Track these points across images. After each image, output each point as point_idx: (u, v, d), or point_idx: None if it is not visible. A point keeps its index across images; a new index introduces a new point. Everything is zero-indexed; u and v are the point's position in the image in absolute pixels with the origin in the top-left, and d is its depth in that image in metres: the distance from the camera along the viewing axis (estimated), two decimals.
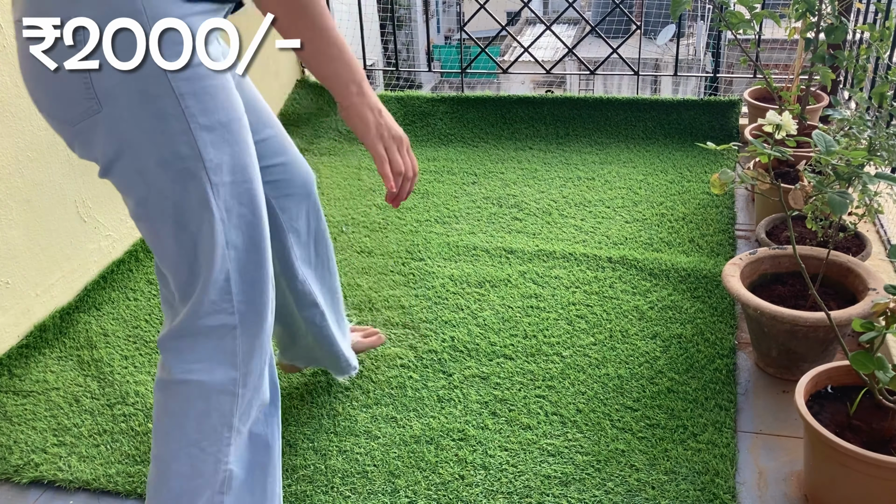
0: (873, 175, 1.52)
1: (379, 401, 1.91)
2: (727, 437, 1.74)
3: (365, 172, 3.20)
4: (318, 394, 1.95)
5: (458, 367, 2.01)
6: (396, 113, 3.61)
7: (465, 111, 3.78)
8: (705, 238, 2.55)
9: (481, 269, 2.44)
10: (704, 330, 2.09)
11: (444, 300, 2.30)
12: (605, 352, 2.04)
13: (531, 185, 3.02)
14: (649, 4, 11.52)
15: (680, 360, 1.99)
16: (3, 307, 2.15)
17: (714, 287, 2.26)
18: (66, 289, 2.36)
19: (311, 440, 1.80)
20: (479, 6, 3.83)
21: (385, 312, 2.25)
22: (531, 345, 2.08)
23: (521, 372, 1.98)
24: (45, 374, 2.07)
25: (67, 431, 1.86)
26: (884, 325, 1.43)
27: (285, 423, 1.85)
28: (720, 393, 1.86)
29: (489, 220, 2.76)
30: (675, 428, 1.77)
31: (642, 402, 1.86)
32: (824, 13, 2.33)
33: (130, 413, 1.91)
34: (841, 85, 3.23)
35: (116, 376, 2.04)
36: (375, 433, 1.81)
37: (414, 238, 2.65)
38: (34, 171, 2.22)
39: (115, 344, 2.17)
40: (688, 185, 2.93)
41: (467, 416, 1.84)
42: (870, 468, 1.39)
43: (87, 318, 2.29)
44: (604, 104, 3.49)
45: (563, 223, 2.71)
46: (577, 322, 2.16)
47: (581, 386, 1.92)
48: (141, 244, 2.61)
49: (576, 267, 2.42)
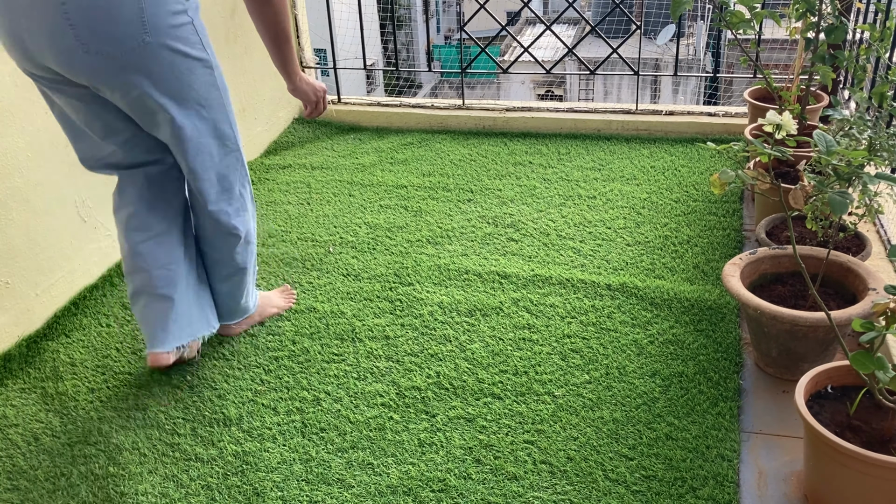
0: (873, 175, 1.50)
1: (356, 444, 1.78)
2: (729, 492, 1.60)
3: (357, 188, 3.07)
4: (291, 435, 1.82)
5: (442, 408, 1.88)
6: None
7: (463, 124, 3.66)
8: (711, 264, 2.40)
9: (472, 296, 2.31)
10: (707, 368, 1.95)
11: (431, 330, 2.17)
12: (601, 391, 1.90)
13: (529, 203, 2.88)
14: (649, 4, 11.39)
15: (680, 402, 1.85)
16: (3, 307, 2.11)
17: (719, 320, 2.12)
18: (65, 289, 2.33)
19: (280, 489, 1.67)
20: (479, 6, 3.74)
21: (368, 344, 2.12)
22: (521, 382, 1.95)
23: (510, 413, 1.85)
24: (4, 408, 1.95)
25: (22, 474, 1.75)
26: (884, 325, 1.42)
27: (255, 468, 1.73)
28: (723, 441, 1.72)
29: (483, 241, 2.62)
30: (672, 481, 1.64)
31: (638, 451, 1.72)
32: (824, 13, 2.28)
33: (91, 454, 1.79)
34: (841, 85, 3.19)
35: (80, 411, 1.93)
36: (350, 482, 1.68)
37: (403, 260, 2.52)
38: (34, 171, 2.19)
39: (83, 375, 2.06)
40: (694, 205, 2.79)
41: (449, 464, 1.71)
42: (869, 468, 1.39)
43: (56, 345, 2.17)
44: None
45: (561, 245, 2.58)
46: (571, 357, 2.03)
47: (573, 430, 1.79)
48: (116, 269, 2.49)
49: (573, 294, 2.29)
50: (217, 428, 1.86)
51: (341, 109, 3.80)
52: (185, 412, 1.91)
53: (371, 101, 3.91)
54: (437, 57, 15.00)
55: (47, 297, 2.26)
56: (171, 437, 1.84)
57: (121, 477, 1.72)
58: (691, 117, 3.47)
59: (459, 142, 3.49)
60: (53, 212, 2.27)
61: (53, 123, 2.21)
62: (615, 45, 3.58)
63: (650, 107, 3.59)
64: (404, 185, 3.07)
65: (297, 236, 2.71)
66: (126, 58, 1.58)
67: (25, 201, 2.16)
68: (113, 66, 1.59)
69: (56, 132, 2.24)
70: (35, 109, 2.16)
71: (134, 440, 1.83)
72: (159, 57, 1.62)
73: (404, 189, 3.04)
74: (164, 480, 1.72)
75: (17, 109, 2.11)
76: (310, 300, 2.33)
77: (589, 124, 3.53)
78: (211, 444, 1.81)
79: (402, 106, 3.80)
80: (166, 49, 1.62)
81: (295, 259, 2.56)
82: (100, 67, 1.59)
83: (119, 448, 1.81)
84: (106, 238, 2.49)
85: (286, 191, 3.08)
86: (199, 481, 1.71)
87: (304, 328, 2.20)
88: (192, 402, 1.95)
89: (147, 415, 1.91)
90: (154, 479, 1.72)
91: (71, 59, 1.57)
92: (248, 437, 1.82)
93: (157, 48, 1.60)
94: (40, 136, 2.20)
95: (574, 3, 3.56)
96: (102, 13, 1.53)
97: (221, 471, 1.73)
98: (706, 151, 3.21)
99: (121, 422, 1.89)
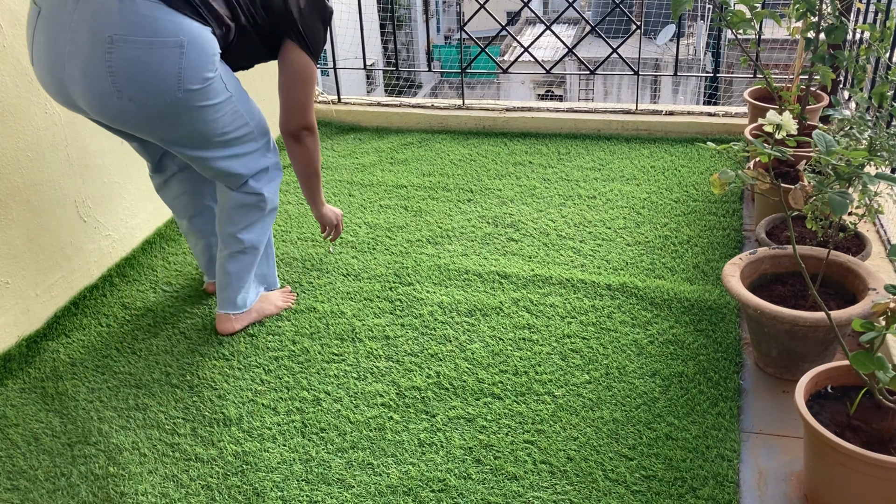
0: (873, 175, 1.50)
1: (356, 444, 1.78)
2: (729, 492, 1.60)
3: (357, 188, 3.07)
4: (291, 435, 1.82)
5: (442, 408, 1.88)
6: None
7: (463, 124, 3.66)
8: (711, 264, 2.40)
9: (472, 296, 2.31)
10: (707, 368, 1.95)
11: (431, 330, 2.17)
12: (601, 391, 1.90)
13: (529, 203, 2.88)
14: (649, 4, 11.40)
15: (680, 402, 1.85)
16: (3, 307, 2.11)
17: (719, 320, 2.12)
18: (65, 289, 2.33)
19: (280, 489, 1.67)
20: (479, 6, 3.74)
21: (368, 344, 2.12)
22: (521, 382, 1.95)
23: (510, 413, 1.85)
24: (4, 408, 1.95)
25: (22, 474, 1.75)
26: (884, 325, 1.42)
27: (255, 468, 1.73)
28: (723, 441, 1.72)
29: (483, 241, 2.62)
30: (672, 481, 1.64)
31: (638, 451, 1.72)
32: (825, 13, 2.28)
33: (91, 454, 1.79)
34: (841, 85, 3.19)
35: (80, 411, 1.93)
36: (350, 482, 1.68)
37: (403, 260, 2.52)
38: (34, 171, 2.19)
39: (83, 375, 2.06)
40: (694, 205, 2.79)
41: (449, 464, 1.71)
42: (869, 468, 1.39)
43: (56, 345, 2.17)
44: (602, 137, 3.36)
45: (561, 245, 2.58)
46: (571, 357, 2.03)
47: (573, 430, 1.79)
48: (115, 269, 2.49)
49: (573, 294, 2.29)
50: (217, 428, 1.85)
51: (341, 109, 3.80)
52: (185, 412, 1.91)
53: (371, 101, 3.91)
54: (437, 57, 14.99)
55: (47, 297, 2.26)
56: (171, 437, 1.83)
57: (121, 477, 1.72)
58: (691, 117, 3.47)
59: (459, 142, 3.49)
60: (53, 212, 2.26)
61: (53, 123, 2.22)
62: (615, 45, 3.58)
63: (650, 107, 3.59)
64: (404, 185, 3.07)
65: (297, 236, 2.71)
66: (156, 108, 1.74)
67: (25, 201, 2.16)
68: (142, 112, 1.74)
69: (56, 132, 2.24)
70: (35, 109, 2.16)
71: (134, 440, 1.83)
72: (186, 111, 1.78)
73: (404, 189, 3.04)
74: (164, 480, 1.72)
75: (17, 109, 2.11)
76: (310, 300, 2.33)
77: (589, 124, 3.53)
78: (211, 444, 1.81)
79: (402, 106, 3.80)
80: (194, 108, 1.78)
81: (295, 259, 2.56)
82: (129, 112, 1.73)
83: (119, 448, 1.81)
84: (106, 238, 2.49)
85: (286, 191, 3.08)
86: (199, 481, 1.71)
87: (304, 328, 2.20)
88: (192, 402, 1.94)
89: (147, 415, 1.91)
90: (154, 479, 1.72)
91: (103, 103, 1.72)
92: (248, 437, 1.82)
93: (186, 105, 1.76)
94: (40, 136, 2.19)
95: (574, 3, 3.57)
96: (143, 66, 1.68)
97: (221, 471, 1.73)
98: (706, 151, 3.21)
99: (121, 422, 1.89)
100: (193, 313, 2.30)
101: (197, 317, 2.28)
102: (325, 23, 2.00)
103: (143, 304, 2.35)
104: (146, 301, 2.37)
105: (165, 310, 2.32)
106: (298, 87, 1.99)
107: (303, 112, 2.02)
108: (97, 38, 1.65)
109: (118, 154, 2.51)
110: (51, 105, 2.21)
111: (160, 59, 1.68)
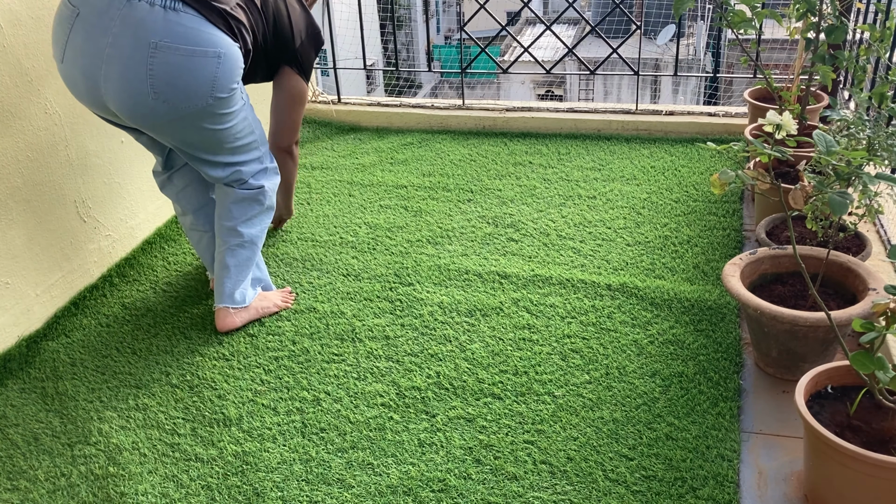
0: (873, 175, 1.51)
1: (356, 444, 1.78)
2: (729, 492, 1.60)
3: (357, 188, 3.07)
4: (291, 435, 1.82)
5: (442, 408, 1.88)
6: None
7: (463, 125, 3.66)
8: (711, 264, 2.40)
9: (473, 296, 2.31)
10: (707, 368, 1.95)
11: (431, 330, 2.17)
12: (601, 391, 1.90)
13: (529, 203, 2.88)
14: (649, 4, 11.40)
15: (680, 402, 1.85)
16: (3, 307, 2.11)
17: (719, 320, 2.12)
18: (65, 289, 2.33)
19: (280, 489, 1.67)
20: (479, 6, 3.74)
21: (368, 344, 2.12)
22: (521, 382, 1.95)
23: (510, 413, 1.85)
24: (5, 408, 1.95)
25: (22, 474, 1.75)
26: (884, 326, 1.42)
27: (255, 468, 1.73)
28: (723, 441, 1.72)
29: (483, 241, 2.62)
30: (672, 481, 1.64)
31: (638, 451, 1.72)
32: (825, 13, 2.28)
33: (91, 454, 1.79)
34: (841, 85, 3.19)
35: (80, 412, 1.93)
36: (350, 482, 1.68)
37: (403, 260, 2.52)
38: (34, 171, 2.20)
39: (83, 375, 2.06)
40: (694, 205, 2.79)
41: (449, 464, 1.71)
42: (869, 468, 1.39)
43: (56, 345, 2.17)
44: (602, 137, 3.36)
45: (561, 245, 2.58)
46: (571, 357, 2.03)
47: (573, 430, 1.79)
48: (115, 269, 2.50)
49: (573, 294, 2.29)
50: (217, 428, 1.85)
51: (341, 109, 3.80)
52: (185, 412, 1.91)
53: (371, 101, 3.91)
54: (437, 57, 15.00)
55: (47, 297, 2.26)
56: (171, 437, 1.84)
57: (121, 477, 1.72)
58: (691, 117, 3.47)
59: (459, 142, 3.49)
60: (53, 212, 2.27)
61: (53, 123, 2.22)
62: (615, 45, 3.58)
63: (650, 107, 3.59)
64: (404, 185, 3.07)
65: (297, 236, 2.71)
66: (186, 111, 1.87)
67: (25, 201, 2.16)
68: (172, 114, 1.87)
69: (56, 132, 2.24)
70: (35, 109, 2.16)
71: (134, 440, 1.83)
72: (210, 117, 1.93)
73: (404, 189, 3.04)
74: (164, 480, 1.72)
75: (17, 109, 2.11)
76: (310, 300, 2.33)
77: (589, 124, 3.53)
78: (211, 444, 1.81)
79: (402, 106, 3.80)
80: (217, 114, 1.93)
81: (295, 259, 2.56)
82: (159, 112, 1.86)
83: (119, 448, 1.81)
84: (106, 238, 2.49)
85: None
86: (199, 481, 1.71)
87: (304, 328, 2.20)
88: (192, 402, 1.95)
89: (147, 415, 1.91)
90: (154, 480, 1.72)
91: (136, 102, 1.83)
92: (248, 438, 1.82)
93: (211, 111, 1.91)
94: (40, 136, 2.20)
95: (574, 3, 3.57)
96: (183, 70, 1.82)
97: (221, 471, 1.73)
98: (706, 151, 3.21)
99: (121, 422, 1.89)
100: (193, 313, 2.30)
101: (197, 317, 2.28)
102: (317, 52, 2.32)
103: (143, 304, 2.35)
104: (146, 301, 2.37)
105: (165, 310, 2.32)
106: (295, 108, 2.32)
107: (295, 129, 2.37)
108: (140, 44, 1.79)
109: (118, 154, 2.51)
110: (51, 105, 2.21)
111: (199, 66, 1.83)
